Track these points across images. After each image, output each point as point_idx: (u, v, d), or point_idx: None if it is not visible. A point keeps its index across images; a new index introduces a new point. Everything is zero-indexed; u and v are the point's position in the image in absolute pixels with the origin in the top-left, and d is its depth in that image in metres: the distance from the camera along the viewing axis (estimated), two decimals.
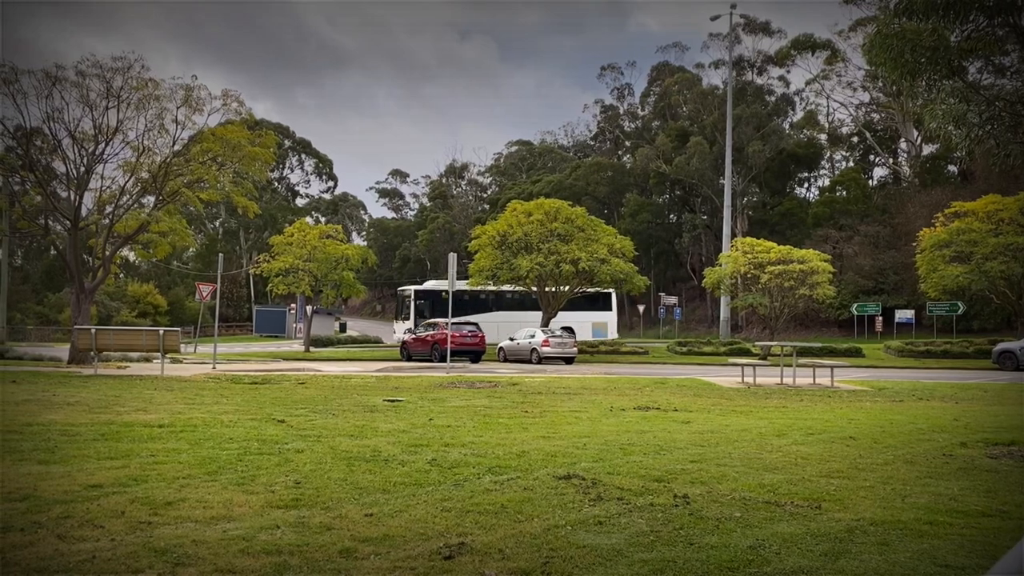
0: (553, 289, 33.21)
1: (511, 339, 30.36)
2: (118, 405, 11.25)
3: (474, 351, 28.31)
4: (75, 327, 21.35)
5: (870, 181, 60.58)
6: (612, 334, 42.15)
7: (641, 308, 52.77)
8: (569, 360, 28.13)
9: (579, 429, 9.71)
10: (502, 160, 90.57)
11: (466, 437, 8.75)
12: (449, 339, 23.60)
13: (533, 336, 28.80)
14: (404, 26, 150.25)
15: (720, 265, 34.74)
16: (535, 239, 32.13)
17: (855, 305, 43.92)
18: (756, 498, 5.88)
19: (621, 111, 77.30)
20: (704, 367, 26.18)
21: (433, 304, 38.33)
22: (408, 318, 38.26)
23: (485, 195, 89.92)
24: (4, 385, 13.58)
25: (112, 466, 6.54)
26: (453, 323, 25.36)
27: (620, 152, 77.37)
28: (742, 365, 19.84)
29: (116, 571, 3.91)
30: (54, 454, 7.03)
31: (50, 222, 24.44)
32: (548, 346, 27.80)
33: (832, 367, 19.23)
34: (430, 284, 42.26)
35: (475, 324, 29.88)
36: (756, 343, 34.43)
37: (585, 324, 40.26)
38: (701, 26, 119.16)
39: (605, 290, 42.36)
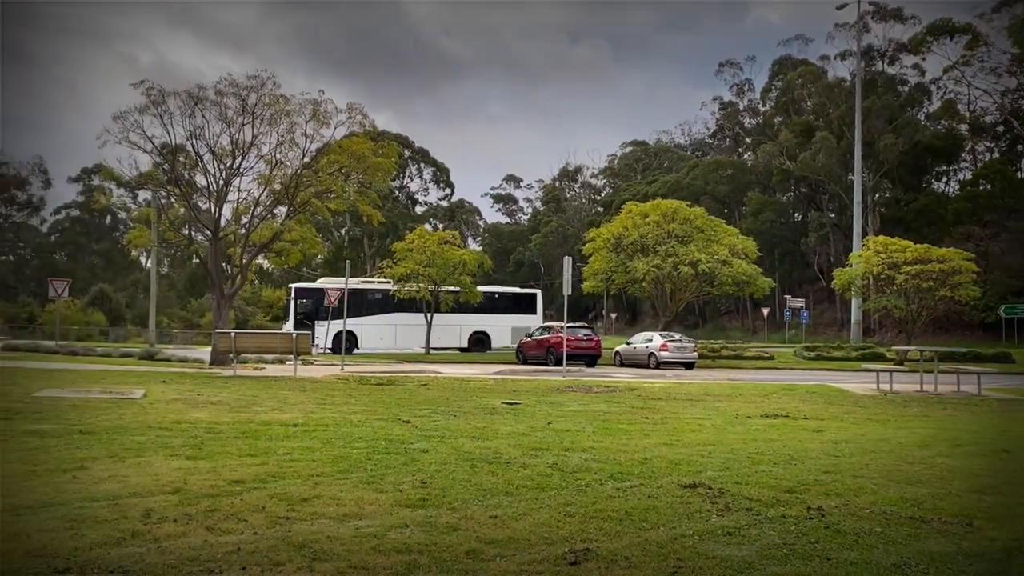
0: (670, 291, 32.51)
1: (628, 343, 30.01)
2: (256, 405, 11.90)
3: (589, 355, 28.16)
4: (216, 331, 22.79)
5: (1018, 173, 55.93)
6: None
7: (765, 311, 50.87)
8: (689, 365, 27.49)
9: (703, 437, 9.46)
10: (616, 161, 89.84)
11: (586, 442, 8.70)
12: (565, 343, 23.56)
13: (651, 340, 28.34)
14: (516, 31, 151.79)
15: (851, 265, 33.04)
16: (652, 241, 31.64)
17: (1003, 307, 40.70)
18: (898, 512, 5.53)
19: (741, 107, 75.02)
20: (834, 373, 24.94)
21: (316, 304, 34.15)
22: (298, 317, 34.65)
23: (599, 197, 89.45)
24: (155, 385, 14.66)
25: (252, 463, 6.92)
26: (568, 327, 25.33)
27: (740, 150, 75.10)
28: (877, 371, 18.74)
29: (259, 563, 4.12)
30: (200, 450, 7.51)
31: (193, 233, 26.18)
32: (666, 350, 27.27)
33: (979, 373, 17.86)
34: (322, 281, 38.16)
35: (590, 328, 29.71)
36: (891, 347, 32.50)
37: (504, 329, 37.37)
38: (825, 16, 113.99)
39: (529, 291, 40.16)
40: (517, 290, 41.08)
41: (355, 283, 36.29)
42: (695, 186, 61.55)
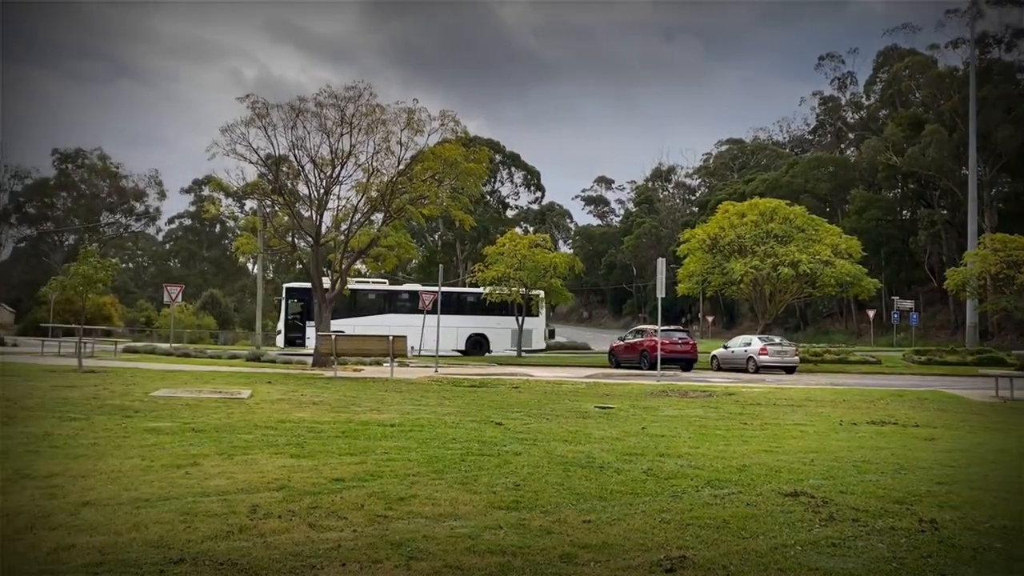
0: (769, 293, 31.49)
1: (725, 347, 29.29)
2: (355, 405, 12.25)
3: (685, 359, 27.61)
4: (318, 333, 23.61)
5: None
6: (538, 343, 37.49)
7: (871, 313, 48.60)
8: (790, 370, 26.57)
9: (805, 444, 9.12)
10: (711, 160, 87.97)
11: (682, 448, 8.53)
12: (659, 346, 23.20)
13: (749, 344, 27.55)
14: (608, 32, 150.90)
15: (965, 265, 31.19)
16: (749, 241, 30.78)
17: None
18: (1022, 528, 5.16)
19: (843, 101, 72.05)
20: (948, 378, 23.58)
21: (308, 304, 33.77)
22: (290, 317, 34.52)
23: (693, 197, 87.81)
24: (261, 385, 15.31)
25: (352, 462, 7.12)
26: (663, 330, 24.94)
27: (843, 145, 72.13)
28: (996, 376, 17.57)
29: (358, 560, 4.23)
30: (303, 449, 7.79)
31: (296, 240, 27.22)
32: (766, 354, 26.45)
33: None
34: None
35: (685, 331, 29.15)
36: (1012, 352, 30.46)
37: (503, 332, 36.19)
38: (934, 4, 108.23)
39: (531, 292, 37.92)
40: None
41: (349, 284, 36.49)
42: (795, 184, 59.47)
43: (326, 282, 25.83)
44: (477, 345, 35.94)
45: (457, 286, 38.75)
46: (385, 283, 36.77)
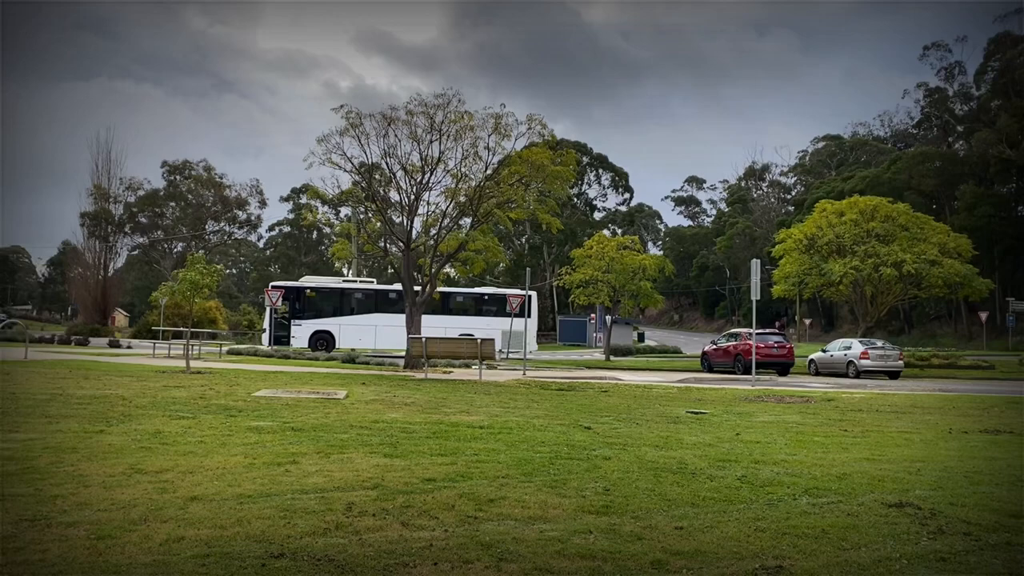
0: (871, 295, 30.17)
1: (824, 350, 28.24)
2: (445, 407, 12.44)
3: (781, 363, 26.77)
4: (409, 336, 24.11)
5: None
6: (530, 345, 35.18)
7: (983, 316, 45.82)
8: (894, 375, 25.37)
9: (910, 452, 8.69)
10: (807, 158, 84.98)
11: (778, 455, 8.27)
12: (754, 350, 22.56)
13: (849, 348, 26.47)
14: (698, 29, 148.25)
15: None
16: (849, 241, 29.60)
17: None
18: None
19: (950, 93, 68.17)
20: None
21: (292, 303, 33.72)
22: (276, 316, 33.71)
23: (789, 196, 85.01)
24: (356, 386, 15.75)
25: (443, 462, 7.23)
26: (758, 333, 24.25)
27: (950, 139, 68.31)
28: None
29: (450, 560, 4.29)
30: (396, 448, 7.96)
31: (388, 245, 27.88)
32: (867, 358, 25.34)
33: None
34: (308, 280, 37.43)
35: (782, 335, 28.25)
36: None
37: (493, 332, 33.54)
38: None
39: (523, 292, 35.62)
40: (507, 291, 38.88)
41: (335, 282, 36.57)
42: (897, 181, 56.75)
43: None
44: None
45: (350, 282, 37.30)
46: (373, 282, 36.99)
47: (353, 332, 32.94)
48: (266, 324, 33.90)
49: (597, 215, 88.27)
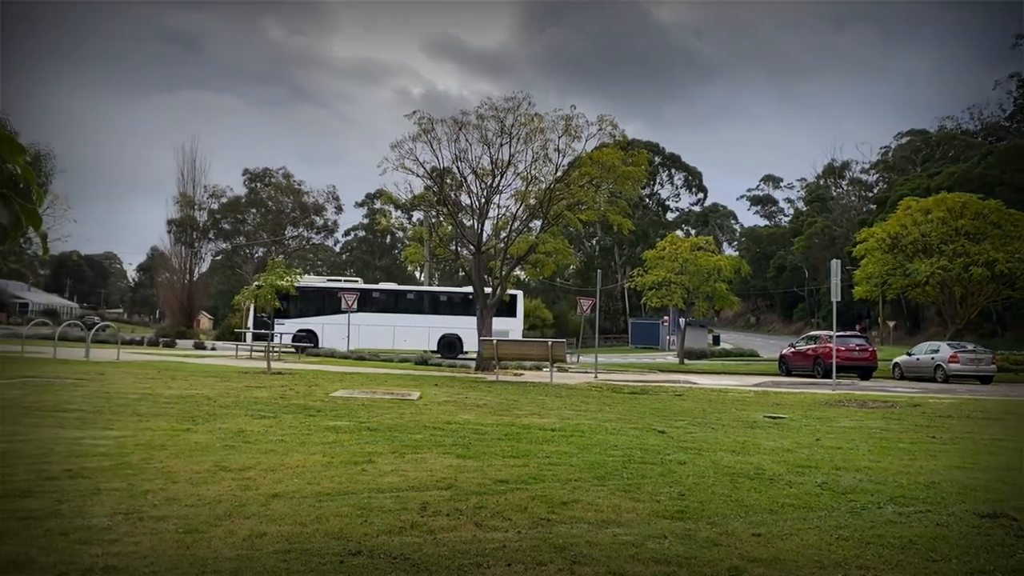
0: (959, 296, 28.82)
1: (909, 354, 27.15)
2: (516, 409, 12.48)
3: (863, 367, 25.85)
4: (480, 338, 24.29)
5: None
6: None
7: None
8: (985, 380, 24.17)
9: (1004, 461, 8.27)
10: (890, 154, 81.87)
11: (860, 461, 7.99)
12: (835, 353, 21.85)
13: (937, 351, 25.36)
14: (772, 25, 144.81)
15: None
16: (935, 240, 28.39)
17: None
18: None
19: None
20: None
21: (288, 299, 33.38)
22: (258, 315, 33.41)
23: (870, 194, 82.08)
24: (428, 388, 15.95)
25: (515, 464, 7.26)
26: (838, 336, 23.48)
27: None
28: None
29: (523, 561, 4.30)
30: (469, 450, 8.03)
31: (459, 248, 28.16)
32: (956, 362, 24.21)
33: None
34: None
35: (864, 337, 27.28)
36: None
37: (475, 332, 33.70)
38: None
39: (509, 292, 34.20)
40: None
41: (319, 282, 36.20)
42: (988, 176, 54.06)
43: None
44: (450, 346, 34.33)
45: (334, 281, 36.72)
46: (359, 282, 36.83)
47: (336, 331, 32.68)
48: (249, 323, 34.25)
49: (670, 216, 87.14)
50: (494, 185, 25.20)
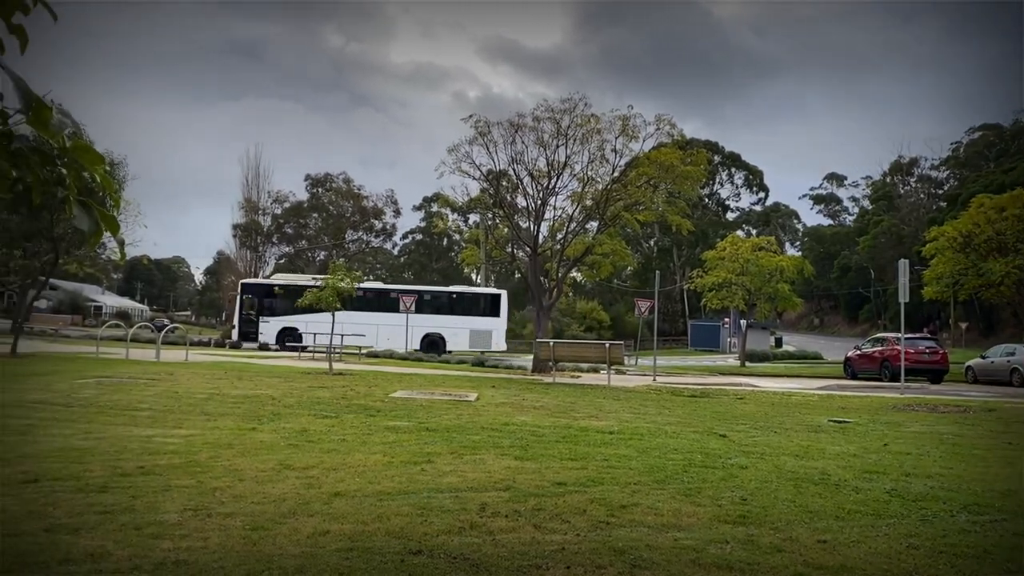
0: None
1: (983, 356, 26.12)
2: (574, 411, 12.44)
3: (933, 370, 24.96)
4: (537, 340, 24.30)
5: None
6: (498, 345, 33.94)
7: None
8: None
9: None
10: (961, 150, 78.91)
11: (931, 468, 7.71)
12: (902, 355, 21.16)
13: (1013, 354, 24.34)
14: (835, 20, 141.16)
15: None
16: (1011, 238, 27.26)
17: None
18: None
19: None
20: None
21: (261, 300, 33.79)
22: (245, 313, 34.10)
23: (940, 192, 79.26)
24: (486, 389, 16.03)
25: (573, 467, 7.23)
26: (907, 338, 22.73)
27: None
28: None
29: (582, 564, 4.28)
30: (526, 451, 8.03)
31: (515, 250, 28.26)
32: None
33: None
34: (279, 277, 37.46)
35: (934, 339, 26.36)
36: None
37: (461, 332, 33.56)
38: None
39: (492, 291, 34.76)
40: (477, 290, 37.91)
41: (303, 280, 36.16)
42: None
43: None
44: (433, 345, 34.50)
45: (318, 279, 37.26)
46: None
47: (319, 330, 33.36)
48: (236, 321, 34.94)
49: (730, 215, 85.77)
50: (550, 187, 25.20)
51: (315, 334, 28.48)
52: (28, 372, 14.87)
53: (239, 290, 36.18)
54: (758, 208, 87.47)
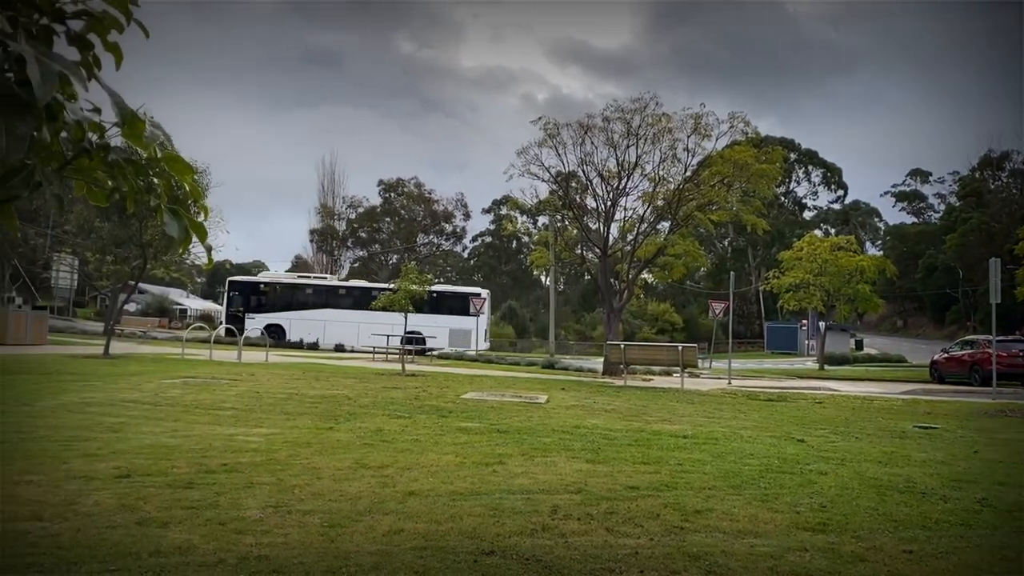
0: None
1: None
2: (646, 414, 12.31)
3: None
4: (607, 343, 24.14)
5: None
6: (478, 344, 33.42)
7: None
8: None
9: None
10: None
11: None
12: (994, 359, 20.14)
13: None
14: (917, 9, 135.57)
15: None
16: None
17: None
18: None
19: None
20: None
21: (248, 297, 34.27)
22: (231, 309, 34.54)
23: None
24: (556, 392, 16.02)
25: (645, 471, 7.16)
26: (999, 341, 21.62)
27: None
28: None
29: (656, 569, 4.23)
30: (598, 454, 7.99)
31: (584, 252, 28.13)
32: None
33: None
34: (265, 275, 38.10)
35: None
36: None
37: (441, 330, 33.23)
38: None
39: (471, 290, 34.27)
40: (457, 289, 37.90)
41: (288, 278, 36.03)
42: None
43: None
44: (411, 343, 34.37)
45: (304, 277, 37.63)
46: (326, 278, 37.38)
47: (303, 327, 33.79)
48: (222, 317, 36.06)
49: (807, 214, 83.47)
50: (620, 187, 25.03)
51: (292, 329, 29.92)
52: (119, 372, 15.61)
53: (226, 287, 37.08)
54: (836, 206, 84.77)
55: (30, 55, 1.56)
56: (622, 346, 21.29)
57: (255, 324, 33.96)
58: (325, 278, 40.18)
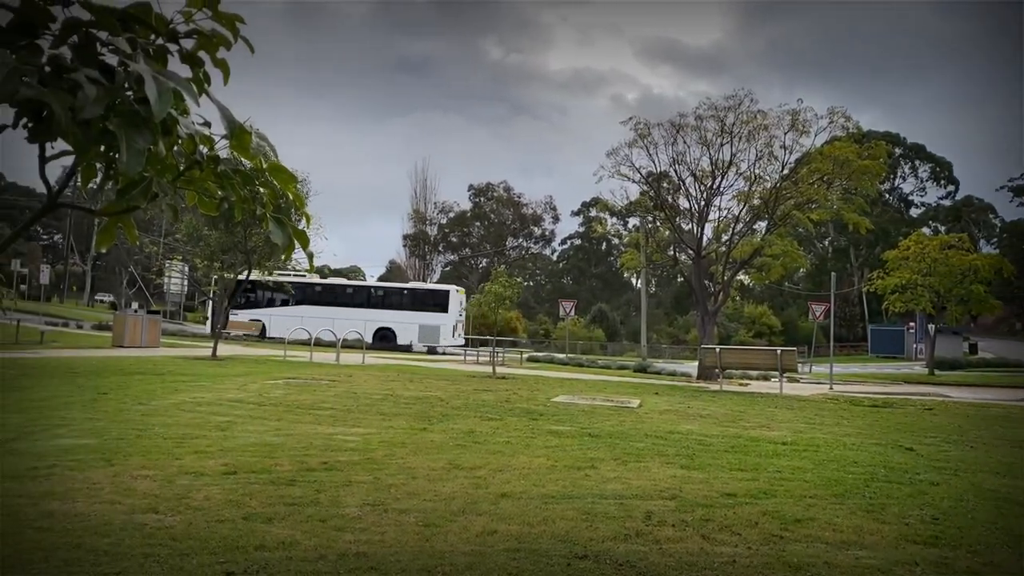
0: None
1: None
2: (743, 420, 11.98)
3: None
4: (702, 346, 23.64)
5: None
6: (450, 339, 34.76)
7: None
8: None
9: None
10: None
11: None
12: None
13: None
14: None
15: None
16: None
17: None
18: None
19: None
20: None
21: (232, 294, 32.17)
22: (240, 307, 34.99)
23: None
24: (648, 396, 15.80)
25: (743, 477, 6.97)
26: None
27: None
28: None
29: None
30: (693, 460, 7.83)
31: (677, 253, 27.65)
32: None
33: None
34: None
35: None
36: None
37: (411, 326, 34.66)
38: None
39: (442, 288, 33.85)
40: (429, 286, 38.01)
41: (270, 277, 35.40)
42: None
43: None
44: (383, 338, 35.21)
45: (284, 274, 36.98)
46: (305, 276, 36.89)
47: (282, 323, 34.10)
48: (208, 313, 37.15)
49: (914, 212, 79.46)
50: (714, 187, 24.51)
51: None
52: (226, 373, 16.38)
53: (211, 284, 38.27)
54: (947, 203, 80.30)
55: (148, 74, 1.67)
56: (717, 350, 20.80)
57: (238, 319, 35.72)
58: (304, 275, 42.02)
